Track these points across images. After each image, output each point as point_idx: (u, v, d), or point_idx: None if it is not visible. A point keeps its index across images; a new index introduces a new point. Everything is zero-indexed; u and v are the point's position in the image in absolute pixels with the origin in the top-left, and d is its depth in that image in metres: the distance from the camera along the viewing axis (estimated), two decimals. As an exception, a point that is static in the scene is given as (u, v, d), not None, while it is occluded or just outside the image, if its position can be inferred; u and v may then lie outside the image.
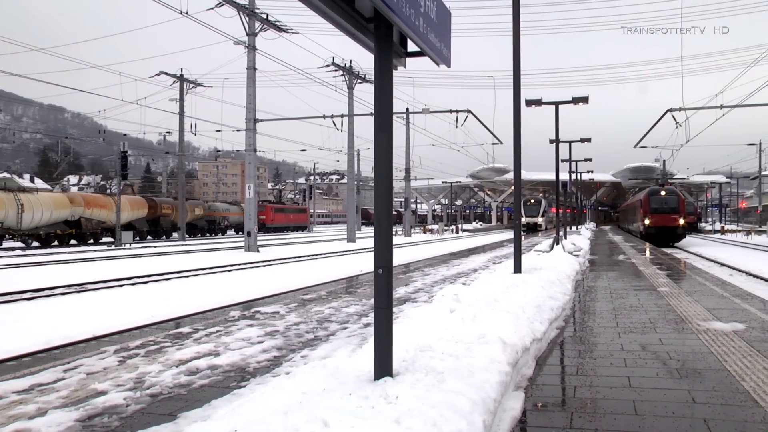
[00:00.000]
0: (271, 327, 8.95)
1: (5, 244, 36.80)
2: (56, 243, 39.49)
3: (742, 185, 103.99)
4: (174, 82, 46.53)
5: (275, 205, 76.88)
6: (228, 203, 71.17)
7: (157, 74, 44.34)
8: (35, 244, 38.68)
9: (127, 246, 36.92)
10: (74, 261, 24.61)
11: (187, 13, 26.01)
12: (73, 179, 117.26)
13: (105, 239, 42.81)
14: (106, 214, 42.82)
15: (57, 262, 23.90)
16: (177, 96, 47.20)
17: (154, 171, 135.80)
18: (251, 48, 30.42)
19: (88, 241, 41.65)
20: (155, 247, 37.04)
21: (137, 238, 47.25)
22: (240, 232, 61.07)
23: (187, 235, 54.95)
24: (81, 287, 15.20)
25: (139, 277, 17.53)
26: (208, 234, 61.14)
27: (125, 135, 50.48)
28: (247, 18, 30.18)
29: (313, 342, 7.92)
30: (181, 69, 46.78)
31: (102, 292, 14.52)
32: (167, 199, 56.86)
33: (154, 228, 51.14)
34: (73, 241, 40.89)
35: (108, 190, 72.08)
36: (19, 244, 38.17)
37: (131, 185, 68.93)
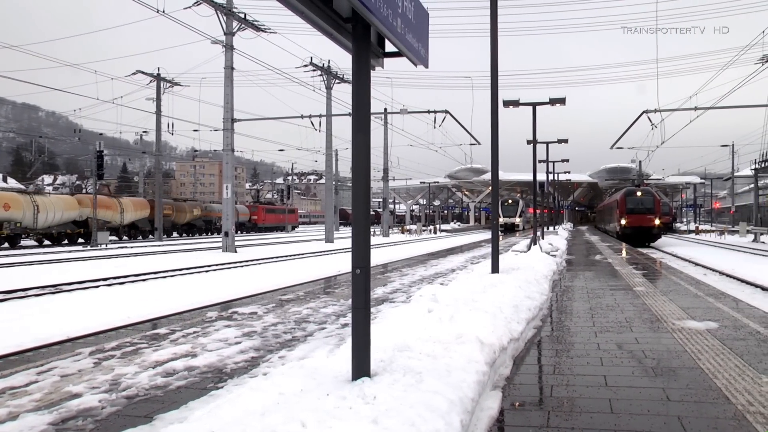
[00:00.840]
0: (248, 328, 8.90)
1: (22, 242, 39.38)
2: (66, 242, 42.40)
3: (715, 186, 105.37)
4: (151, 81, 46.00)
5: (266, 206, 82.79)
6: None
7: (134, 73, 43.91)
8: (47, 242, 41.24)
9: (103, 246, 36.66)
10: (50, 262, 24.23)
11: (164, 11, 25.71)
12: (47, 179, 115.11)
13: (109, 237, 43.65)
14: (111, 214, 45.62)
15: (31, 263, 23.51)
16: (154, 95, 46.74)
17: (131, 171, 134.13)
18: (229, 47, 30.22)
19: None
20: (131, 247, 36.71)
21: (139, 237, 51.29)
22: (237, 231, 65.28)
23: (184, 234, 60.38)
24: (56, 288, 14.97)
25: (115, 277, 17.30)
26: (205, 233, 64.30)
27: (101, 134, 50.04)
28: (224, 17, 29.97)
29: (291, 342, 7.89)
30: (158, 68, 46.27)
31: (77, 293, 14.31)
32: (167, 200, 58.76)
33: (155, 228, 52.09)
34: (80, 240, 43.38)
35: (84, 190, 71.06)
36: (32, 242, 40.87)
37: (107, 185, 68.42)
